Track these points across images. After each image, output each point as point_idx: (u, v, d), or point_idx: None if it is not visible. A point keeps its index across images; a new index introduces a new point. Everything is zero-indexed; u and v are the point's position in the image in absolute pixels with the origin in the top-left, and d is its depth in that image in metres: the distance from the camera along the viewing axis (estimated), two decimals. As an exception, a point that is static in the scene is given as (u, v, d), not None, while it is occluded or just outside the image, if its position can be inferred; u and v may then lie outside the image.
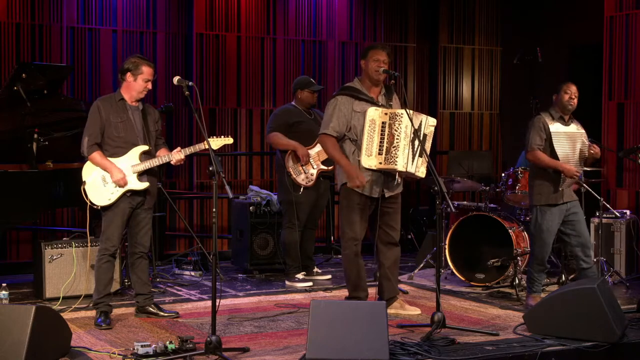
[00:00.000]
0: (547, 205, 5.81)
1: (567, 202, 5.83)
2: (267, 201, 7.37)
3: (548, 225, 5.82)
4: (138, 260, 5.52)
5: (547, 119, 5.83)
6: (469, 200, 9.31)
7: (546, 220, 5.82)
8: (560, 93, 5.84)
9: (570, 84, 5.87)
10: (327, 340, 4.23)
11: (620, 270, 7.09)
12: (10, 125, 6.16)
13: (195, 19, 8.50)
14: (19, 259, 7.73)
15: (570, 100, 5.82)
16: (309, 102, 6.99)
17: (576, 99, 5.84)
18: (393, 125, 5.27)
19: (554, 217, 5.81)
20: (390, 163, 5.27)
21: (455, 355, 4.51)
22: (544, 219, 5.82)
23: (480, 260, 6.78)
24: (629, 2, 7.83)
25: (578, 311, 4.86)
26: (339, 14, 9.29)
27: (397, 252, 5.65)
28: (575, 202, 5.88)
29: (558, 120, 5.85)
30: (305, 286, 6.75)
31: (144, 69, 5.35)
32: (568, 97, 5.82)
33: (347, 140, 5.47)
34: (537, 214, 5.86)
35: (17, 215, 6.08)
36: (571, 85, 5.86)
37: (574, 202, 5.87)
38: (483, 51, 10.10)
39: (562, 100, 5.83)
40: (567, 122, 5.88)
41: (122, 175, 5.29)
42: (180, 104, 8.35)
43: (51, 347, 4.32)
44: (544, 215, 5.82)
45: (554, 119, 5.85)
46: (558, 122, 5.84)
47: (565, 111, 5.86)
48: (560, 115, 5.86)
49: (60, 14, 7.91)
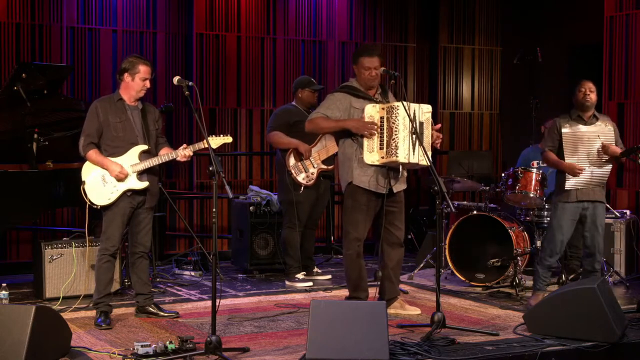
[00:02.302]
0: (561, 202, 5.87)
1: (584, 201, 5.84)
2: (267, 201, 7.37)
3: (558, 221, 5.87)
4: (138, 260, 5.51)
5: (562, 121, 5.88)
6: (469, 200, 9.31)
7: (557, 215, 5.89)
8: (576, 92, 5.88)
9: (584, 81, 5.89)
10: (327, 340, 4.23)
11: (620, 270, 7.09)
12: (10, 125, 6.16)
13: (195, 19, 8.50)
14: (19, 259, 7.73)
15: (585, 96, 5.83)
16: (309, 102, 6.99)
17: (593, 94, 5.84)
18: (390, 119, 5.26)
19: (566, 213, 5.85)
20: (392, 156, 5.26)
21: (455, 355, 4.51)
22: (555, 214, 5.91)
23: (480, 260, 6.78)
24: (629, 2, 7.83)
25: (578, 311, 4.86)
26: (339, 14, 9.29)
27: (401, 253, 5.65)
28: (595, 203, 5.85)
29: (576, 120, 5.86)
30: (305, 286, 6.75)
31: (140, 67, 5.35)
32: (582, 94, 5.83)
33: (348, 139, 5.47)
34: (552, 209, 6.00)
35: (17, 215, 6.08)
36: (585, 82, 5.88)
37: (594, 203, 5.85)
38: (483, 51, 10.11)
39: (578, 99, 5.86)
40: (589, 120, 5.87)
41: (119, 169, 5.28)
42: (180, 104, 8.35)
43: (51, 347, 4.32)
44: (556, 211, 5.91)
45: (572, 119, 5.87)
46: (575, 123, 5.84)
47: (583, 108, 5.86)
48: (579, 115, 5.87)
49: (60, 14, 7.91)
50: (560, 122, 5.89)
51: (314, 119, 5.48)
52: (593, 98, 5.84)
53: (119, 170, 5.27)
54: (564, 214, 5.86)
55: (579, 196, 5.82)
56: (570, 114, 5.92)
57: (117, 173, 5.27)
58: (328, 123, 5.45)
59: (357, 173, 5.42)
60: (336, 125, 5.43)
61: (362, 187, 5.41)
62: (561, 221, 5.86)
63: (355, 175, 5.42)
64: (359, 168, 5.42)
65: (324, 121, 5.45)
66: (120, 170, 5.27)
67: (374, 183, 5.40)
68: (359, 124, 5.33)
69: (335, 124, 5.43)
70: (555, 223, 5.90)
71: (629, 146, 7.50)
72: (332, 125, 5.45)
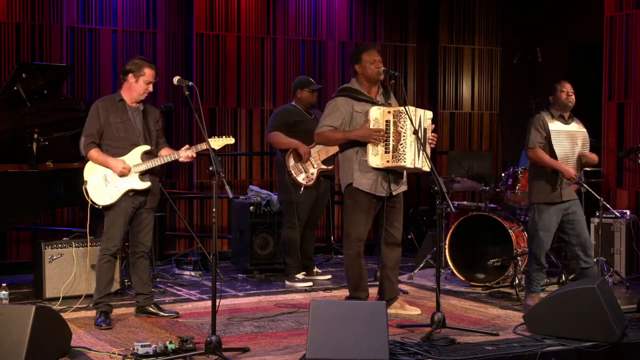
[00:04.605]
0: (545, 204, 5.81)
1: (566, 201, 5.82)
2: (267, 201, 7.37)
3: (545, 224, 5.82)
4: (139, 260, 5.51)
5: (546, 117, 5.85)
6: (469, 200, 9.31)
7: (543, 218, 5.83)
8: (557, 93, 5.87)
9: (564, 82, 5.91)
10: (327, 340, 4.23)
11: (620, 270, 7.09)
12: (10, 125, 6.16)
13: (195, 19, 8.50)
14: (19, 259, 7.73)
15: (568, 97, 5.85)
16: (309, 102, 7.00)
17: (574, 95, 5.88)
18: (398, 123, 5.27)
19: (552, 215, 5.81)
20: (399, 160, 5.27)
21: (455, 355, 4.51)
22: (542, 217, 5.83)
23: (480, 260, 6.79)
24: (629, 2, 7.83)
25: (578, 311, 4.86)
26: (339, 14, 9.29)
27: (399, 253, 5.65)
28: (574, 201, 5.88)
29: (558, 119, 5.87)
30: (305, 286, 6.75)
31: (146, 70, 5.35)
32: (565, 94, 5.85)
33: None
34: (535, 212, 5.87)
35: (17, 215, 6.08)
36: (565, 83, 5.90)
37: (573, 201, 5.87)
38: (483, 51, 10.11)
39: (560, 99, 5.85)
40: (568, 120, 5.90)
41: (122, 164, 5.27)
42: (180, 104, 8.35)
43: (51, 347, 4.32)
44: (542, 214, 5.83)
45: (554, 117, 5.86)
46: (558, 121, 5.85)
47: (565, 109, 5.88)
48: (560, 114, 5.88)
49: (60, 14, 7.91)
50: (544, 118, 5.86)
51: (322, 132, 5.48)
52: (574, 99, 5.89)
53: (123, 166, 5.27)
54: (550, 216, 5.81)
55: (564, 196, 5.81)
56: (552, 112, 5.89)
57: (121, 169, 5.27)
58: (336, 135, 5.45)
59: (358, 175, 5.42)
60: (344, 137, 5.44)
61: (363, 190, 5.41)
62: (549, 223, 5.81)
63: (356, 178, 5.42)
64: (359, 170, 5.42)
65: (332, 133, 5.45)
66: (123, 166, 5.27)
67: (375, 186, 5.40)
68: (365, 133, 5.33)
69: (343, 136, 5.44)
70: (541, 226, 5.82)
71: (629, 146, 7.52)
72: (340, 137, 5.46)
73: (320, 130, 5.50)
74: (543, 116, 5.87)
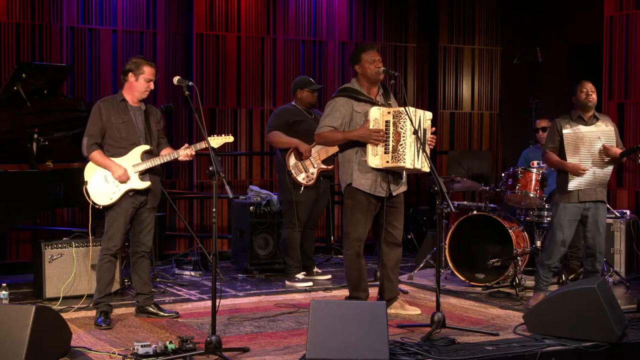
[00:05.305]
0: (562, 202, 5.89)
1: (586, 202, 5.85)
2: (267, 201, 7.37)
3: (559, 221, 5.88)
4: (140, 260, 5.51)
5: (562, 122, 5.89)
6: (469, 200, 9.31)
7: (557, 215, 5.89)
8: (577, 93, 5.88)
9: (585, 82, 5.92)
10: (327, 340, 4.23)
11: (620, 270, 7.09)
12: (10, 125, 6.16)
13: (195, 19, 8.50)
14: (19, 259, 7.73)
15: (588, 97, 5.86)
16: (308, 102, 7.00)
17: (594, 94, 5.88)
18: (398, 124, 5.27)
19: (566, 214, 5.86)
20: (398, 161, 5.27)
21: (455, 355, 4.51)
22: (556, 214, 5.92)
23: (480, 260, 6.78)
24: (629, 2, 7.83)
25: (578, 311, 4.86)
26: (339, 14, 9.29)
27: (399, 253, 5.65)
28: (597, 204, 5.86)
29: (576, 120, 5.87)
30: (305, 286, 6.75)
31: (145, 68, 5.35)
32: (585, 94, 5.85)
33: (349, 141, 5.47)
34: (553, 209, 5.99)
35: (17, 215, 6.08)
36: (585, 83, 5.90)
37: (595, 203, 5.86)
38: (483, 51, 10.11)
39: (579, 99, 5.88)
40: (589, 120, 5.89)
41: (122, 172, 5.29)
42: (180, 104, 8.35)
43: (51, 347, 4.32)
44: (557, 211, 5.91)
45: (572, 119, 5.88)
46: (576, 123, 5.85)
47: (585, 109, 5.88)
48: (579, 115, 5.89)
49: (60, 14, 7.91)
50: (561, 122, 5.90)
51: (322, 133, 5.49)
52: (594, 98, 5.88)
53: (121, 174, 5.28)
54: (565, 214, 5.86)
55: (581, 197, 5.82)
56: (571, 114, 5.92)
57: (120, 175, 5.28)
58: (336, 136, 5.46)
59: (357, 176, 5.42)
60: (344, 138, 5.44)
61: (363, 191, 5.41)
62: (562, 221, 5.86)
63: (355, 178, 5.42)
64: (358, 171, 5.42)
65: (332, 134, 5.46)
66: (123, 173, 5.28)
67: (374, 186, 5.40)
68: (365, 134, 5.33)
69: (343, 136, 5.44)
70: (556, 223, 5.90)
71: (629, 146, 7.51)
72: (340, 138, 5.46)
73: (320, 130, 5.50)
74: (559, 121, 5.92)
